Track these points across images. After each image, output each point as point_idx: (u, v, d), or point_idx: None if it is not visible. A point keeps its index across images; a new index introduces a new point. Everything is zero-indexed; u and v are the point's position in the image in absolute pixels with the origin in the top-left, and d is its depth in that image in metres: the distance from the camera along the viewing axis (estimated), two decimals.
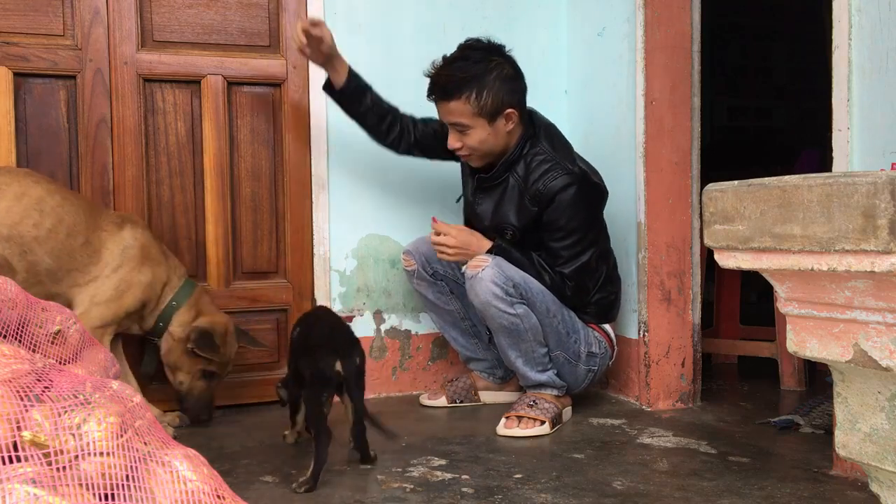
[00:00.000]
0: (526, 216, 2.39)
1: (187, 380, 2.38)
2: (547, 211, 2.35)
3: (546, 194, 2.33)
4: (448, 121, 2.38)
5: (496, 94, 2.31)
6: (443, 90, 2.34)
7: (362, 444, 1.99)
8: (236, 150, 2.68)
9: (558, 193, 2.32)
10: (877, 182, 1.01)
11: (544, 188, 2.33)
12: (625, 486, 1.85)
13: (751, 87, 6.73)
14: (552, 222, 2.35)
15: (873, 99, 1.83)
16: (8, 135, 2.39)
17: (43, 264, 2.13)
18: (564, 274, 2.39)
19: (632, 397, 2.68)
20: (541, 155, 2.38)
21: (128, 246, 2.25)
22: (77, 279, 2.19)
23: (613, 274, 2.56)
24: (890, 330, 1.09)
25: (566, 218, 2.34)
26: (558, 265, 2.39)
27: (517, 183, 2.40)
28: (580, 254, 2.38)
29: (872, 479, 1.22)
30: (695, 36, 2.63)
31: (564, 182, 2.32)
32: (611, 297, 2.55)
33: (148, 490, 0.97)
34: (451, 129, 2.40)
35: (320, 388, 1.90)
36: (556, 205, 2.33)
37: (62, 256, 2.15)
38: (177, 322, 2.35)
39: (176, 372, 2.38)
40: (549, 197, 2.33)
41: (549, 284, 2.37)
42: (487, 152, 2.41)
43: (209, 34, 2.63)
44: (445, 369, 2.89)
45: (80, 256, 2.18)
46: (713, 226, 1.25)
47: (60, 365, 1.28)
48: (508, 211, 2.42)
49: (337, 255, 2.76)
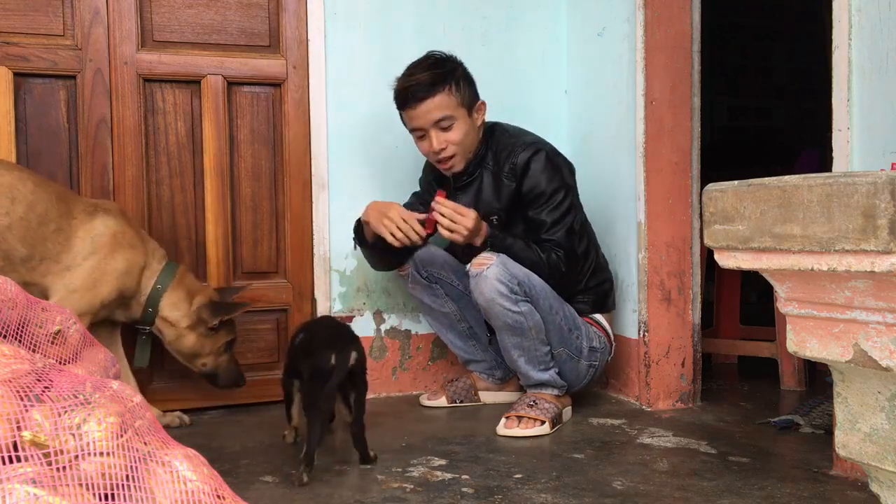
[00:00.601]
0: (507, 196, 2.44)
1: (212, 360, 2.38)
2: (524, 182, 2.41)
3: (519, 165, 2.42)
4: (432, 119, 2.40)
5: (468, 86, 2.45)
6: (426, 87, 2.39)
7: (360, 444, 2.00)
8: (236, 150, 2.68)
9: (530, 162, 2.41)
10: (877, 182, 1.01)
11: (517, 161, 2.42)
12: (625, 486, 1.85)
13: (751, 87, 6.73)
14: (532, 190, 2.41)
15: (873, 99, 1.83)
16: (8, 135, 2.39)
17: (17, 252, 2.10)
18: (553, 240, 2.40)
19: (632, 397, 2.68)
20: (503, 139, 2.49)
21: (98, 234, 2.20)
22: (51, 268, 2.15)
23: (603, 260, 2.61)
24: (890, 330, 1.09)
25: (545, 181, 2.40)
26: (546, 234, 2.40)
27: (490, 170, 2.47)
28: (564, 216, 2.41)
29: (872, 479, 1.22)
30: (695, 36, 2.63)
31: (532, 150, 2.42)
32: (605, 284, 2.58)
33: (148, 490, 0.97)
34: (432, 131, 2.41)
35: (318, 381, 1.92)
36: (531, 173, 2.41)
37: (35, 244, 2.12)
38: (168, 305, 2.31)
39: (197, 357, 2.37)
40: (523, 167, 2.41)
41: (545, 260, 2.37)
42: (469, 148, 2.46)
43: (209, 34, 2.63)
44: (445, 369, 2.89)
45: (52, 245, 2.15)
46: (713, 226, 1.25)
47: (60, 365, 1.28)
48: (489, 197, 2.47)
49: (337, 255, 2.76)
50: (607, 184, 2.79)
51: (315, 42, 2.72)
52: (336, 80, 2.76)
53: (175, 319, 2.32)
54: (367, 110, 2.77)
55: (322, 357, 1.92)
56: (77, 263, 2.18)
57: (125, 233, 2.26)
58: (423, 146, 2.46)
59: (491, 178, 2.47)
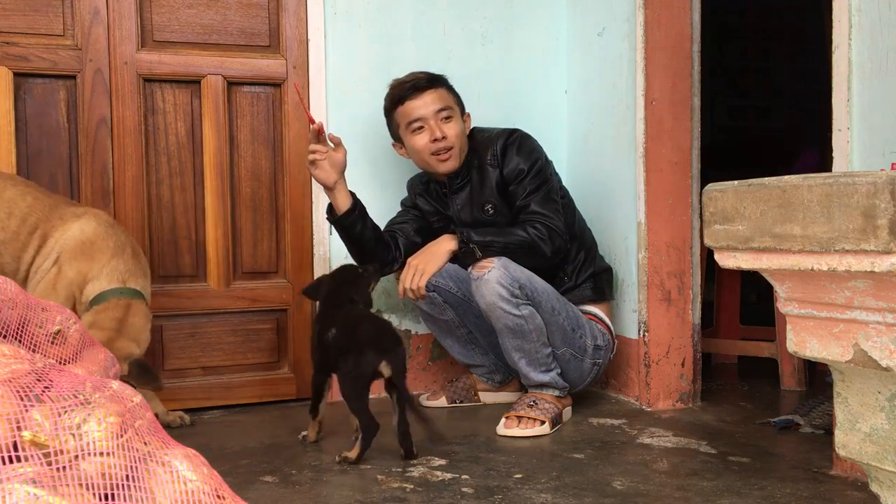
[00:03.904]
0: (494, 183, 2.49)
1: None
2: (505, 164, 2.47)
3: (500, 151, 2.49)
4: (434, 108, 2.45)
5: (458, 95, 2.56)
6: (427, 81, 2.47)
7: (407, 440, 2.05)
8: (236, 150, 2.68)
9: (508, 145, 2.49)
10: (877, 182, 1.01)
11: (496, 148, 2.50)
12: (625, 486, 1.85)
13: (751, 87, 6.73)
14: (513, 170, 2.47)
15: (873, 99, 1.83)
16: (8, 135, 2.39)
17: (9, 266, 2.13)
18: (536, 212, 2.41)
19: (632, 397, 2.68)
20: (480, 137, 2.56)
21: (68, 237, 2.17)
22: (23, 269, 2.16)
23: (595, 246, 2.64)
24: (890, 330, 1.09)
25: (524, 158, 2.46)
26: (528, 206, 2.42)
27: (476, 166, 2.52)
28: (541, 186, 2.45)
29: (872, 479, 1.22)
30: (695, 36, 2.63)
31: (507, 135, 2.52)
32: (604, 274, 2.62)
33: (148, 490, 0.97)
34: (433, 121, 2.45)
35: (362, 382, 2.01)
36: (510, 154, 2.48)
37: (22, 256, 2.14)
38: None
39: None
40: (503, 151, 2.49)
41: (528, 235, 2.37)
42: (462, 148, 2.50)
43: (209, 34, 2.63)
44: (445, 369, 2.89)
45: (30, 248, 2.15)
46: (713, 226, 1.25)
47: (60, 365, 1.28)
48: (481, 191, 2.52)
49: (337, 255, 2.76)
50: (607, 184, 2.79)
51: (315, 42, 2.72)
52: (336, 80, 2.76)
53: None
54: (367, 110, 2.77)
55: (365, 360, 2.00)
56: (45, 266, 2.17)
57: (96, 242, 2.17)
58: (421, 140, 2.46)
59: (478, 174, 2.52)
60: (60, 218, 2.20)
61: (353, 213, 2.42)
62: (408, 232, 2.58)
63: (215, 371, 2.64)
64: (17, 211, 2.13)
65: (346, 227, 2.44)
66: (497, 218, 2.48)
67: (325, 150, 2.35)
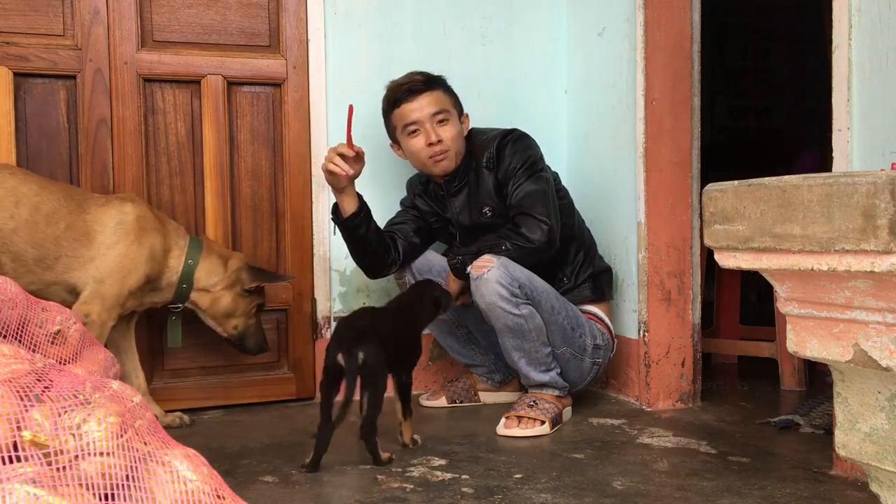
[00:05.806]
0: (492, 185, 2.48)
1: (243, 321, 2.44)
2: (500, 163, 2.46)
3: (496, 153, 2.47)
4: (430, 111, 2.43)
5: (456, 96, 2.54)
6: (423, 83, 2.45)
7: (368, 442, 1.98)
8: (236, 150, 2.68)
9: (503, 146, 2.47)
10: (877, 182, 1.01)
11: (492, 150, 2.48)
12: (625, 486, 1.86)
13: (751, 87, 6.72)
14: (509, 169, 2.45)
15: (873, 99, 1.83)
16: (8, 135, 2.39)
17: (28, 254, 2.13)
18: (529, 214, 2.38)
19: (632, 397, 2.68)
20: (478, 138, 2.54)
21: (119, 222, 2.23)
22: (71, 264, 2.18)
23: (594, 247, 2.63)
24: (890, 330, 1.09)
25: (518, 156, 2.44)
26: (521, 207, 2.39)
27: (473, 168, 2.51)
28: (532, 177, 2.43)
29: (872, 479, 1.22)
30: (695, 36, 2.63)
31: (503, 135, 2.49)
32: (603, 274, 2.61)
33: (148, 490, 0.97)
34: (428, 124, 2.43)
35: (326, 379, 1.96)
36: (505, 154, 2.46)
37: (46, 244, 2.15)
38: (203, 276, 2.35)
39: (228, 319, 2.41)
40: (499, 151, 2.47)
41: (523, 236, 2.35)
42: (459, 151, 2.49)
43: (209, 34, 2.63)
44: (445, 369, 2.89)
45: (66, 242, 2.17)
46: (713, 226, 1.25)
47: (60, 365, 1.28)
48: (479, 194, 2.50)
49: (337, 255, 2.76)
50: (607, 184, 2.79)
51: (315, 42, 2.72)
52: (336, 80, 2.75)
53: (211, 285, 2.37)
54: (367, 110, 2.76)
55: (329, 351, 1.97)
56: (101, 254, 2.20)
57: (144, 218, 2.28)
58: (417, 143, 2.46)
59: (476, 176, 2.51)
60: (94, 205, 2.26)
61: (358, 216, 2.42)
62: (406, 232, 2.58)
63: (215, 371, 2.64)
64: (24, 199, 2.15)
65: (351, 229, 2.44)
66: (495, 220, 2.48)
67: (350, 169, 2.34)
